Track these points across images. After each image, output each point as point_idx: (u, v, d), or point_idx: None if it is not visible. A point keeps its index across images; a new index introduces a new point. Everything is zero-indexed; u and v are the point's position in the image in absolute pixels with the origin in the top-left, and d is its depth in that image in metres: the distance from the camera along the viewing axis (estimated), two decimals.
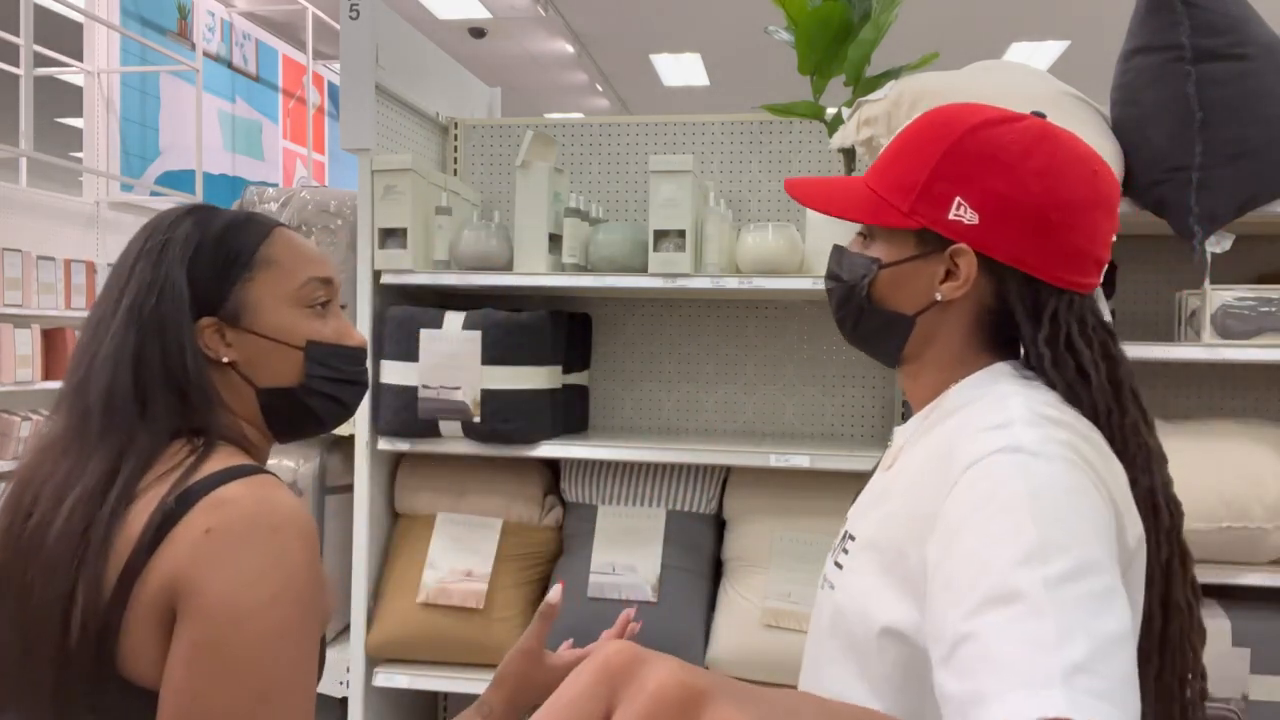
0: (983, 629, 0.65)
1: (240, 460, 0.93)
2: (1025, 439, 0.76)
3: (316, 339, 1.02)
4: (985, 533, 0.71)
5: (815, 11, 2.03)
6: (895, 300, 0.92)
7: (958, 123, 0.87)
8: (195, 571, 0.83)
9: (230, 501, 0.87)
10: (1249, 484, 1.83)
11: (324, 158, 8.35)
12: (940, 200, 0.86)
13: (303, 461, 2.21)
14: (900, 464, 0.91)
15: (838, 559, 0.93)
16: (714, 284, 2.06)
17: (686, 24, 8.36)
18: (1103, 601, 0.65)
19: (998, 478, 0.74)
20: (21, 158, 5.16)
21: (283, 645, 0.85)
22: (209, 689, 0.82)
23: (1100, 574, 0.67)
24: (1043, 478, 0.73)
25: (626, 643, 0.38)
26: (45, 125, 7.33)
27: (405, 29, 2.32)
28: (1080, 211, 0.85)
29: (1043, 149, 0.84)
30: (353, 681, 2.17)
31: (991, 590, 0.66)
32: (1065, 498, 0.72)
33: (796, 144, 2.42)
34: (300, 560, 0.87)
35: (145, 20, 6.18)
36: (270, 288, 1.00)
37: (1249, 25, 1.76)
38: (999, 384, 0.87)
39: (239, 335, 0.98)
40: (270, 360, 1.00)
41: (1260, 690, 1.84)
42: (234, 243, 0.99)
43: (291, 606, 0.85)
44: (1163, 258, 2.26)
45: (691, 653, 2.09)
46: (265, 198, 2.28)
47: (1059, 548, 0.67)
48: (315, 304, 1.03)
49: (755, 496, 2.18)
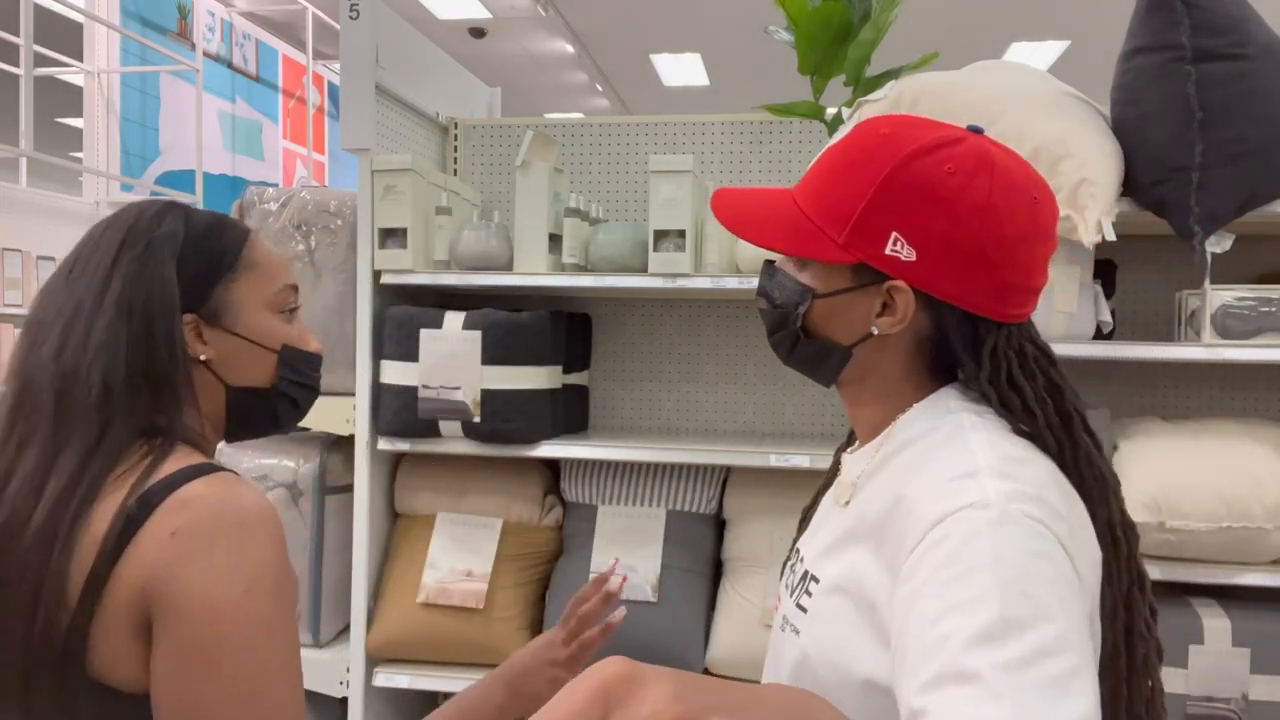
0: (935, 707, 0.63)
1: (197, 459, 0.93)
2: (993, 494, 0.74)
3: (289, 343, 1.04)
4: (946, 600, 0.69)
5: (815, 11, 2.03)
6: (830, 330, 0.88)
7: (893, 149, 0.83)
8: (168, 575, 0.84)
9: (193, 501, 0.87)
10: (1249, 484, 1.83)
11: (324, 158, 8.35)
12: (876, 234, 0.82)
13: (303, 461, 2.21)
14: (858, 503, 0.88)
15: (800, 601, 0.89)
16: (714, 284, 2.06)
17: (686, 24, 8.36)
18: (1063, 686, 0.63)
19: (962, 537, 0.72)
20: (21, 158, 5.16)
21: (265, 635, 0.86)
22: (204, 689, 0.83)
23: (1063, 654, 0.65)
24: (1009, 542, 0.71)
25: (625, 661, 0.37)
26: (45, 125, 7.33)
27: (405, 29, 2.32)
28: (1020, 246, 0.82)
29: (981, 181, 0.81)
30: (353, 681, 2.17)
31: (947, 667, 0.65)
32: (1031, 564, 0.70)
33: (796, 144, 2.42)
34: (269, 552, 0.88)
35: (145, 20, 6.18)
36: (251, 290, 1.02)
37: (1249, 25, 1.76)
38: (953, 414, 0.85)
39: (217, 334, 1.00)
40: (244, 361, 1.01)
41: (1260, 690, 1.84)
42: (219, 243, 1.01)
43: (266, 598, 0.86)
44: (1163, 258, 2.26)
45: (692, 653, 2.09)
46: (265, 198, 2.27)
47: (1020, 626, 0.65)
48: (287, 309, 1.06)
49: (755, 496, 2.18)
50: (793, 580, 0.95)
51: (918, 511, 0.76)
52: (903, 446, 0.86)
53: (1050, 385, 0.86)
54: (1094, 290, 1.92)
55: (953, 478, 0.77)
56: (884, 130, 0.85)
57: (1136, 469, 1.88)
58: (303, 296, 2.20)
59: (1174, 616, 1.89)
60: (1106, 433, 1.96)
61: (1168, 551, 1.88)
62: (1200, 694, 1.85)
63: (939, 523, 0.74)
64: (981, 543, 0.70)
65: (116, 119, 5.94)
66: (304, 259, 2.23)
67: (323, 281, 2.22)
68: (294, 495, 2.19)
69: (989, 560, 0.69)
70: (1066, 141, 1.73)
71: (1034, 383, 0.85)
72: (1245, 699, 1.84)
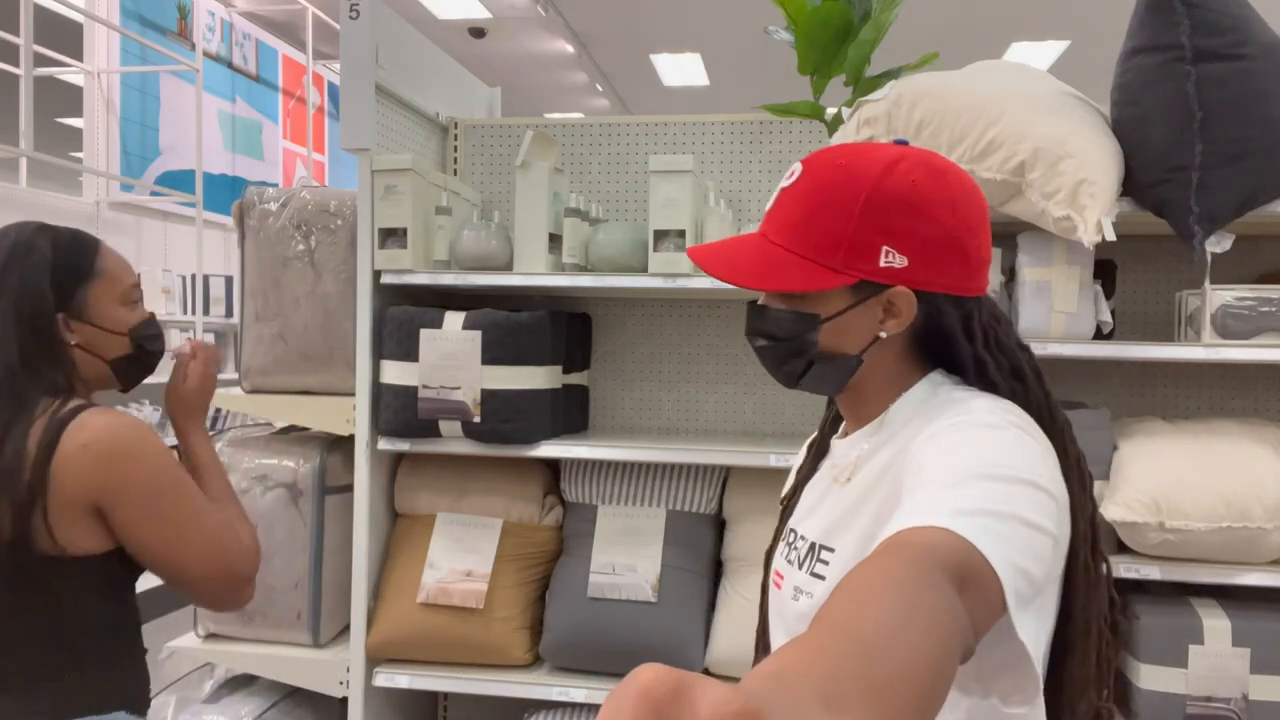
0: (923, 494, 0.76)
1: (83, 402, 1.37)
2: (984, 414, 0.87)
3: (133, 323, 1.46)
4: (944, 463, 0.81)
5: (815, 11, 2.03)
6: (841, 346, 0.97)
7: (860, 176, 0.92)
8: (104, 474, 1.31)
9: (90, 423, 1.33)
10: (1249, 484, 1.83)
11: (324, 158, 8.35)
12: (869, 252, 0.92)
13: (302, 461, 2.21)
14: (861, 477, 0.97)
15: (814, 570, 0.97)
16: (714, 284, 2.06)
17: (686, 24, 8.36)
18: (1038, 506, 0.76)
19: (957, 433, 0.85)
20: (21, 158, 5.16)
21: (177, 474, 1.39)
22: (163, 519, 1.35)
23: (1041, 492, 0.78)
24: (999, 436, 0.84)
25: (663, 668, 0.37)
26: (45, 125, 7.33)
27: (405, 29, 2.32)
28: (982, 227, 0.95)
29: (938, 183, 0.92)
30: (353, 681, 2.17)
31: (941, 481, 0.77)
32: (1019, 445, 0.83)
33: (796, 144, 2.42)
34: (150, 436, 1.37)
35: (145, 20, 6.18)
36: (103, 292, 1.42)
37: (1249, 25, 1.76)
38: (944, 389, 0.97)
39: (81, 326, 1.40)
40: (105, 343, 1.43)
41: (1260, 690, 1.84)
42: (77, 258, 1.40)
43: (166, 457, 1.38)
44: (1163, 258, 2.26)
45: (692, 653, 2.09)
46: (265, 198, 2.27)
47: (1011, 467, 0.78)
48: (132, 300, 1.46)
49: (755, 496, 2.18)
50: (797, 555, 1.02)
51: (918, 440, 0.89)
52: (901, 425, 0.96)
53: (1020, 345, 0.98)
54: (1094, 290, 1.92)
55: (949, 419, 0.89)
56: (839, 162, 0.94)
57: (1136, 469, 1.88)
58: (303, 296, 2.21)
59: (1174, 616, 1.89)
60: (1106, 432, 1.96)
61: (1168, 551, 1.87)
62: (1200, 694, 1.85)
63: (934, 435, 0.87)
64: (973, 434, 0.84)
65: (116, 119, 5.94)
66: (304, 259, 2.23)
67: (323, 281, 2.22)
68: (294, 495, 2.19)
69: (981, 443, 0.82)
70: (1066, 141, 1.72)
71: (1011, 343, 0.97)
72: (1245, 699, 1.84)
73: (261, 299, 2.25)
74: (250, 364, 2.27)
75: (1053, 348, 1.88)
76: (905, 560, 0.64)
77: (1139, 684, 1.88)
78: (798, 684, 0.46)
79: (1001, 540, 0.69)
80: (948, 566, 0.65)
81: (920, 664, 0.53)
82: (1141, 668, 1.88)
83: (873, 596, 0.58)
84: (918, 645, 0.54)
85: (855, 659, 0.50)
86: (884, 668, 0.51)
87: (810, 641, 0.52)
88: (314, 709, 2.30)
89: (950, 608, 0.61)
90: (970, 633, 0.63)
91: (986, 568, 0.67)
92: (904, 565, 0.63)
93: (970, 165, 1.78)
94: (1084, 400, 2.24)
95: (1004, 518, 0.72)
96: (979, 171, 1.77)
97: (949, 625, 0.59)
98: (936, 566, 0.64)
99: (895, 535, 0.69)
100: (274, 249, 2.24)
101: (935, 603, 0.60)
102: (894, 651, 0.53)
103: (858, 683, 0.49)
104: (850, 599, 0.58)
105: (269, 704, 2.22)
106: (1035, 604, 0.75)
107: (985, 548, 0.68)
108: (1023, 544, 0.72)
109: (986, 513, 0.71)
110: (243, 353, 2.29)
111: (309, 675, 2.18)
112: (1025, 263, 1.91)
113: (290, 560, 2.17)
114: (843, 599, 0.58)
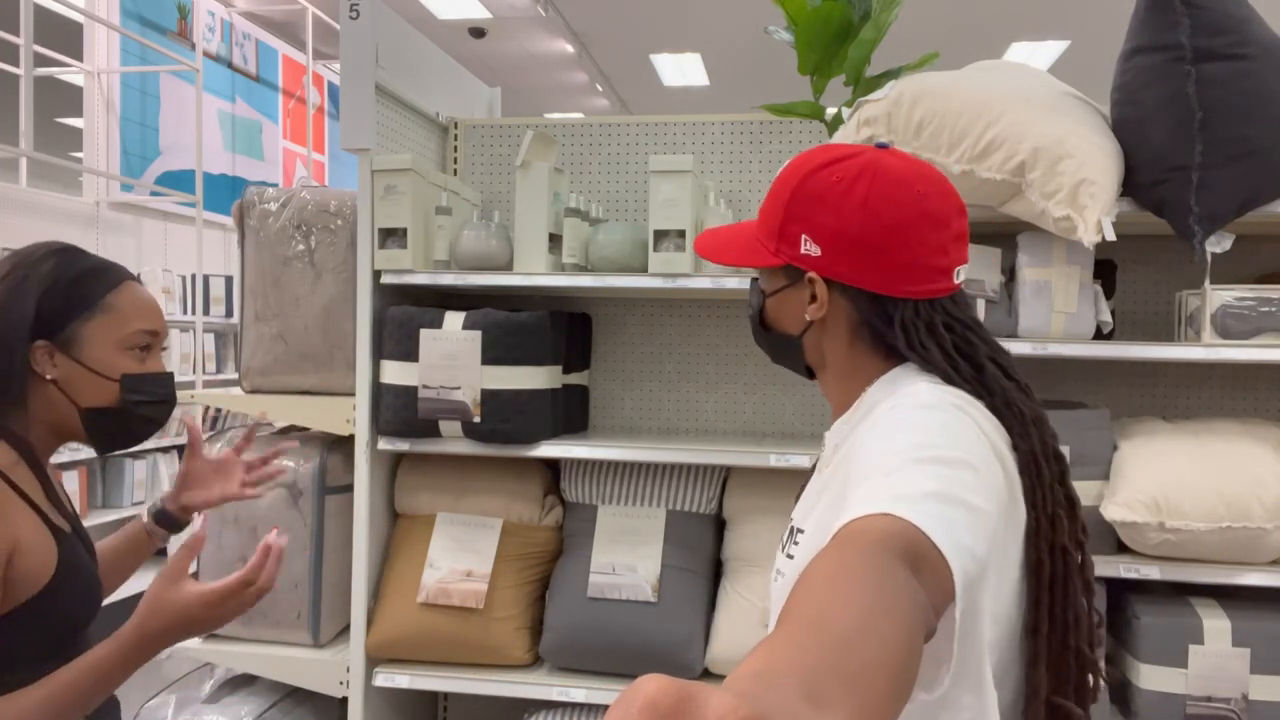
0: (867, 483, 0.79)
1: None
2: (923, 397, 0.92)
3: (129, 372, 1.27)
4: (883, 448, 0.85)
5: (815, 11, 2.03)
6: (782, 324, 1.07)
7: (801, 168, 1.01)
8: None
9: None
10: (1249, 484, 1.83)
11: (324, 158, 8.35)
12: (793, 238, 1.01)
13: (302, 461, 2.21)
14: (833, 465, 1.03)
15: (789, 551, 1.04)
16: (714, 284, 2.06)
17: (686, 24, 8.36)
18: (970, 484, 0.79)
19: (896, 414, 0.90)
20: (21, 158, 5.16)
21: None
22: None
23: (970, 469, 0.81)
24: (933, 416, 0.89)
25: (666, 679, 0.37)
26: (45, 125, 7.34)
27: (405, 29, 2.32)
28: (902, 231, 0.97)
29: (863, 183, 0.97)
30: (353, 681, 2.17)
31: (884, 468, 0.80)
32: (954, 423, 0.88)
33: (796, 144, 2.42)
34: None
35: (145, 20, 6.18)
36: (103, 330, 1.25)
37: (1249, 25, 1.76)
38: (912, 381, 1.00)
39: (65, 360, 1.24)
40: (87, 386, 1.25)
41: (1260, 690, 1.84)
42: (84, 288, 1.25)
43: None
44: (1163, 258, 2.26)
45: (692, 653, 2.09)
46: (265, 198, 2.27)
47: (944, 447, 0.83)
48: (137, 347, 1.28)
49: (755, 496, 2.18)
50: (784, 540, 1.09)
51: (864, 425, 0.95)
52: (867, 412, 1.01)
53: (964, 344, 1.00)
54: (1094, 290, 1.92)
55: (890, 404, 0.95)
56: (802, 156, 1.04)
57: (1136, 469, 1.88)
58: (303, 297, 2.21)
59: (1174, 616, 1.89)
60: (1106, 432, 1.96)
61: (1168, 551, 1.87)
62: (1200, 694, 1.85)
63: (877, 419, 0.92)
64: (909, 415, 0.89)
65: (116, 119, 5.93)
66: (304, 259, 2.23)
67: (323, 281, 2.22)
68: (294, 495, 2.19)
69: (918, 425, 0.87)
70: (1066, 141, 1.72)
71: (942, 344, 0.99)
72: (1245, 699, 1.84)
73: (261, 299, 2.25)
74: (250, 364, 2.27)
75: (1053, 348, 1.88)
76: (860, 549, 0.66)
77: (1139, 684, 1.88)
78: (781, 682, 0.47)
79: (946, 522, 0.73)
80: (900, 551, 0.67)
81: (891, 652, 0.55)
82: (1141, 668, 1.88)
83: (837, 589, 0.60)
84: (886, 634, 0.56)
85: (830, 653, 0.52)
86: (858, 660, 0.52)
87: (784, 638, 0.54)
88: (314, 709, 2.30)
89: (910, 591, 0.63)
90: (930, 612, 0.65)
91: (934, 550, 0.70)
92: (860, 555, 0.65)
93: (970, 165, 1.78)
94: (1084, 400, 2.24)
95: (943, 498, 0.75)
96: (979, 171, 1.77)
97: (911, 610, 0.61)
98: (890, 552, 0.66)
99: (847, 525, 0.72)
100: (274, 249, 2.24)
101: (895, 589, 0.61)
102: (866, 643, 0.54)
103: (837, 676, 0.50)
104: (816, 593, 0.60)
105: (269, 704, 2.22)
106: (982, 582, 0.79)
107: (931, 530, 0.71)
108: (965, 522, 0.75)
109: (926, 495, 0.75)
110: (243, 353, 2.29)
111: (309, 675, 2.18)
112: (1025, 263, 1.91)
113: (290, 560, 2.17)
114: (808, 593, 0.60)
